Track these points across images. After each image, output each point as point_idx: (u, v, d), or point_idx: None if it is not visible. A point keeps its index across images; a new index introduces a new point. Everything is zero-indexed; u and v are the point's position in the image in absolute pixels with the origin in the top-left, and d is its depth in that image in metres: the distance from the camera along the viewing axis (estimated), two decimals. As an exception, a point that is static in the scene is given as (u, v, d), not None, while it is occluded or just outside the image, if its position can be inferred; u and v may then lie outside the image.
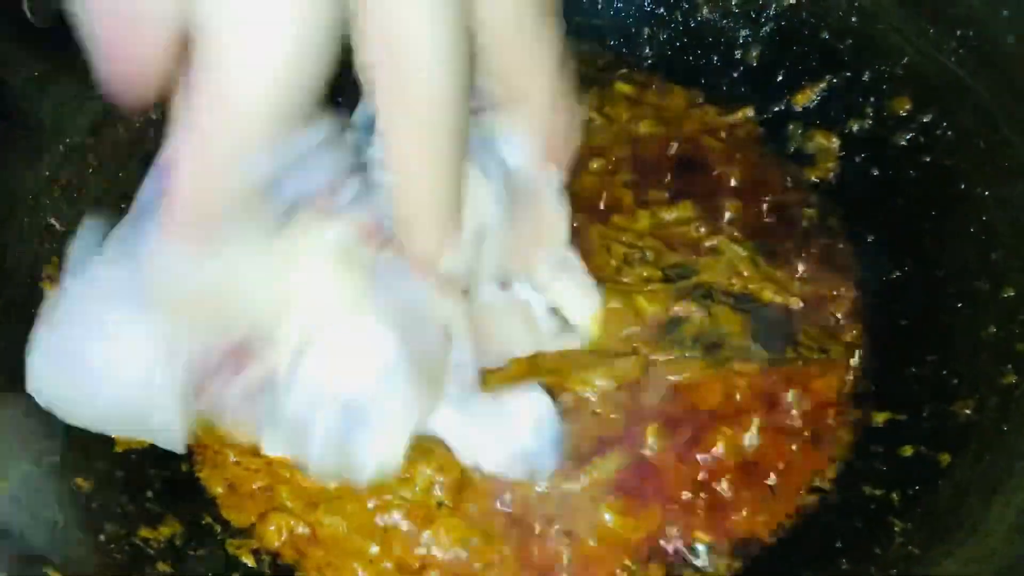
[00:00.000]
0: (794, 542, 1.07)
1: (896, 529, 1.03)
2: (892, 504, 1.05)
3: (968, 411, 1.06)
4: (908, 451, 1.08)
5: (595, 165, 1.30)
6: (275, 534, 1.08)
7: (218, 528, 1.09)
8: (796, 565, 1.05)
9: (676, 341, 1.14)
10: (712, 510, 1.07)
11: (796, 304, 1.18)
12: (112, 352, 0.78)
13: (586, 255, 0.99)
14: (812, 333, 1.16)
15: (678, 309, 1.15)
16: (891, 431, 1.11)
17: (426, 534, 1.06)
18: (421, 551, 1.06)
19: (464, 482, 1.08)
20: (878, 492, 1.06)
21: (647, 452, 1.08)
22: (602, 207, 1.27)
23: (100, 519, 1.02)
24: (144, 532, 1.04)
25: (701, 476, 1.08)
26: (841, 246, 1.25)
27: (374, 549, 1.07)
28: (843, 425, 1.12)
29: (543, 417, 0.96)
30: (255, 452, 1.11)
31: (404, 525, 1.07)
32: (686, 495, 1.07)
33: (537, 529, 1.07)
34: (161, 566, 1.03)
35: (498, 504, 1.07)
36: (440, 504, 1.07)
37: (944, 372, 1.11)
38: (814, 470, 1.10)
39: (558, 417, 0.97)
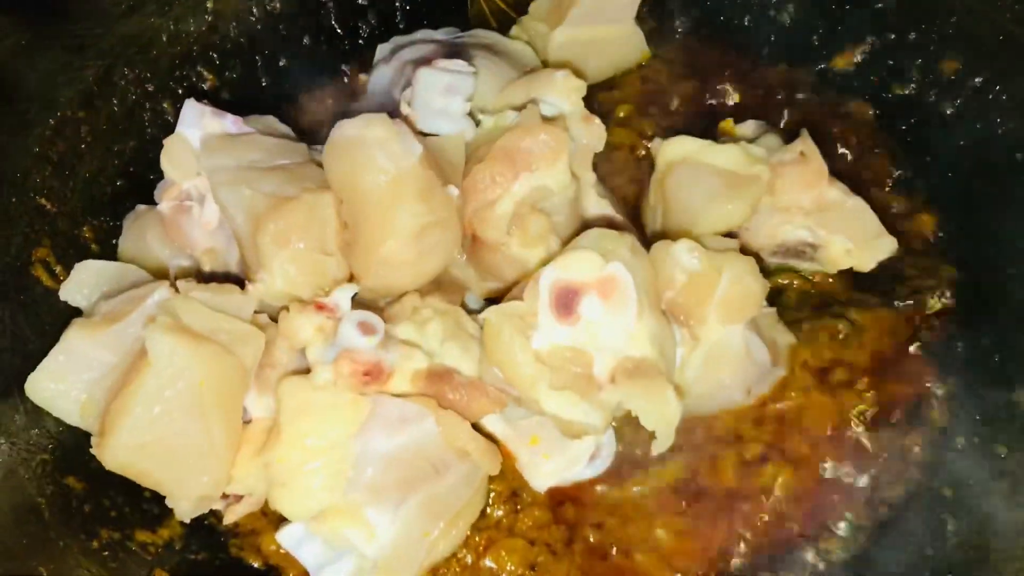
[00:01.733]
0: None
1: (950, 529, 0.97)
2: (944, 500, 0.99)
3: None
4: (961, 441, 1.01)
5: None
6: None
7: (221, 529, 1.03)
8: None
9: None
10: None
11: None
12: None
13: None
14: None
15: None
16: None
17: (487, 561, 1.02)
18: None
19: (517, 490, 1.04)
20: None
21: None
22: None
23: (93, 523, 0.97)
24: (141, 536, 1.00)
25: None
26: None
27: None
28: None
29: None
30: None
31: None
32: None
33: (592, 539, 1.02)
34: (159, 573, 0.98)
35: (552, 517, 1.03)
36: (498, 523, 1.03)
37: (999, 356, 1.04)
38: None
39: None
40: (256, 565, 1.04)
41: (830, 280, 1.12)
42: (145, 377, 0.90)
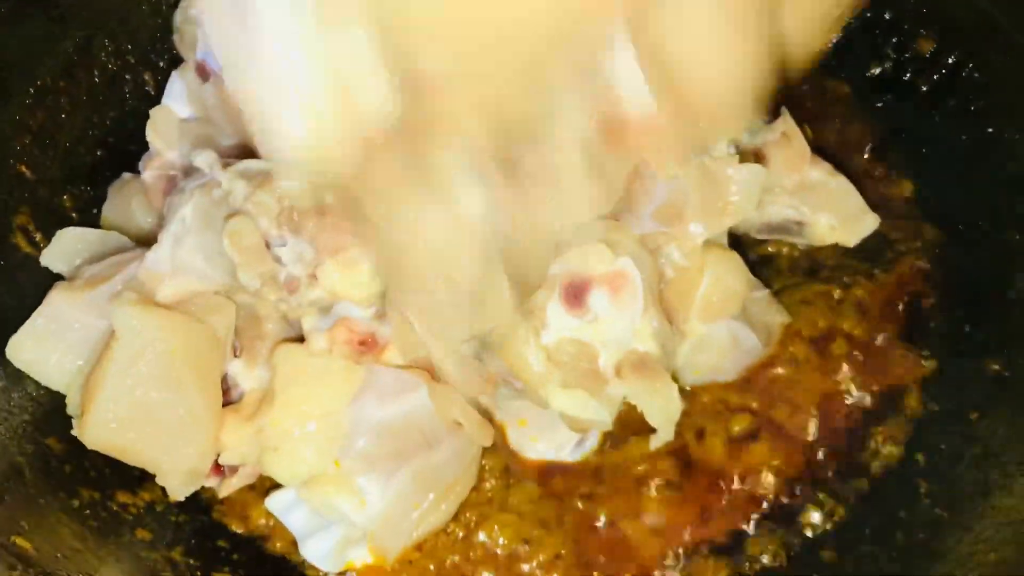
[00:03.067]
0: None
1: (922, 491, 0.98)
2: (918, 464, 1.01)
3: (997, 367, 1.01)
4: (935, 407, 1.03)
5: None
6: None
7: (204, 493, 1.02)
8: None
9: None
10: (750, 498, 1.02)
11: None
12: None
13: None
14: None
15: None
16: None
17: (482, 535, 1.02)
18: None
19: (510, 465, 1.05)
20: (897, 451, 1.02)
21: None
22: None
23: (74, 483, 0.96)
24: (122, 496, 0.99)
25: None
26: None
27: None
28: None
29: None
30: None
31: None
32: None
33: (582, 507, 1.02)
34: (140, 533, 0.98)
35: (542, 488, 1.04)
36: (490, 499, 1.03)
37: (970, 327, 1.06)
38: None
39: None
40: (239, 531, 1.04)
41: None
42: (114, 352, 0.90)
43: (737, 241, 1.09)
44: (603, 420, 0.97)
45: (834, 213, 1.08)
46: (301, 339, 0.97)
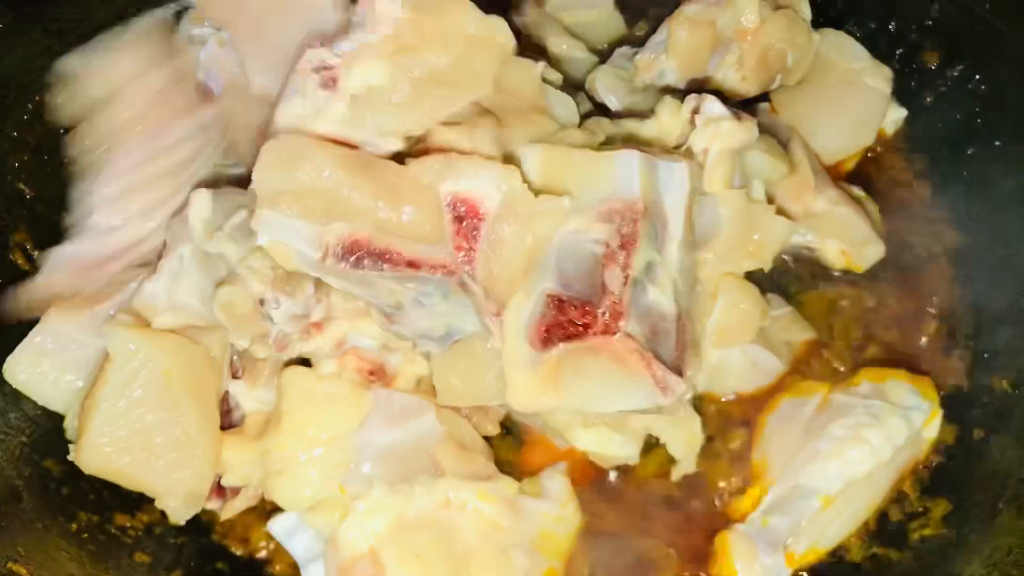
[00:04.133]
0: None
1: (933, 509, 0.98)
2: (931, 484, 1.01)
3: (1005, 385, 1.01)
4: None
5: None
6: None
7: (204, 515, 1.02)
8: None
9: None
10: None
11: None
12: None
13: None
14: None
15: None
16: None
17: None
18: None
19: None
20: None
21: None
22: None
23: (72, 506, 0.95)
24: (121, 519, 0.99)
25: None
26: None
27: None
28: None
29: None
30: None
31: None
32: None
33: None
34: (139, 556, 0.98)
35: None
36: None
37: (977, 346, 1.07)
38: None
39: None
40: (239, 553, 1.03)
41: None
42: (108, 374, 0.89)
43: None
44: (630, 454, 0.97)
45: (841, 239, 1.08)
46: (305, 360, 0.97)
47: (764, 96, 1.14)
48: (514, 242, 0.83)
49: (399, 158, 0.87)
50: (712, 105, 0.95)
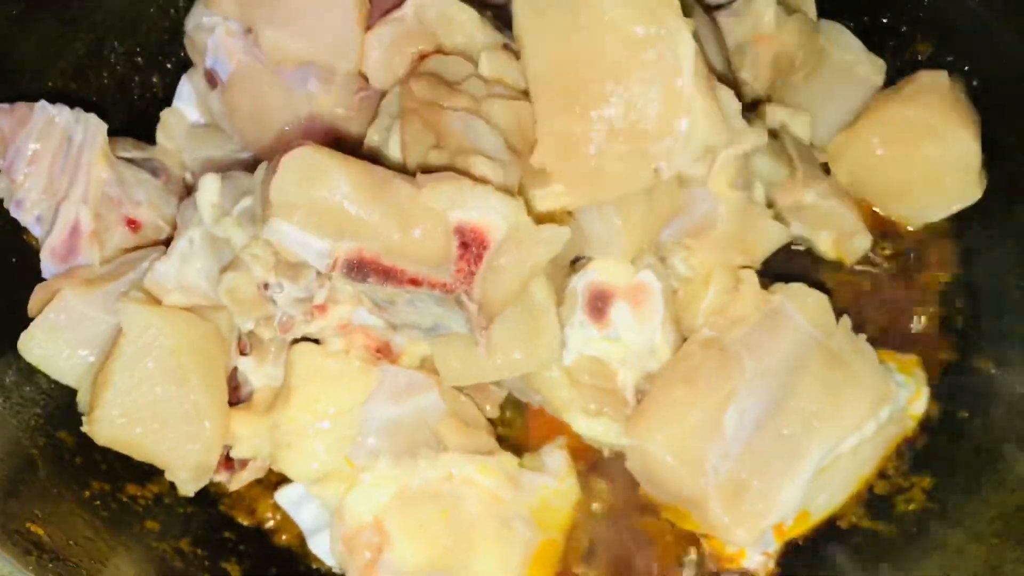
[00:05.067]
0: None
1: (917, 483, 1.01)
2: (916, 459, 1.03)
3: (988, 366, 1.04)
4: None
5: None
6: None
7: (212, 485, 1.04)
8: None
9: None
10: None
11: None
12: None
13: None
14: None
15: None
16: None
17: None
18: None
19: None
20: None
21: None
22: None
23: (85, 475, 0.98)
24: (131, 489, 1.01)
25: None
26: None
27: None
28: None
29: None
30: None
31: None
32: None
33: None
34: (149, 524, 1.00)
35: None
36: None
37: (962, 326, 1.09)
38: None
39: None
40: (246, 524, 1.06)
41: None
42: (121, 348, 0.92)
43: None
44: (624, 443, 0.99)
45: (831, 231, 1.10)
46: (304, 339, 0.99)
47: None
48: (513, 269, 0.85)
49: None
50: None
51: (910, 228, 1.15)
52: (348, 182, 0.82)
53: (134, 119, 1.18)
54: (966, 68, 1.13)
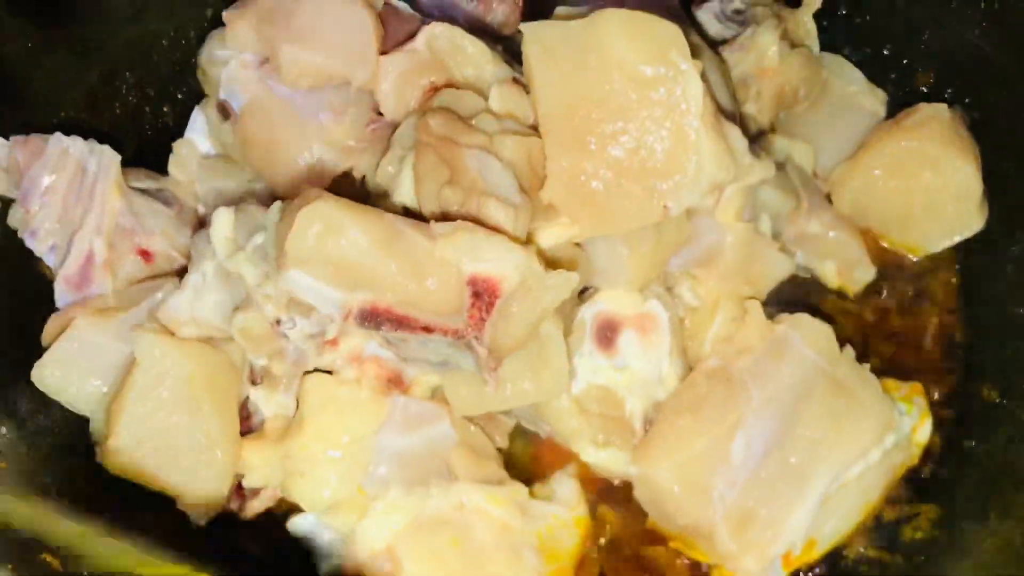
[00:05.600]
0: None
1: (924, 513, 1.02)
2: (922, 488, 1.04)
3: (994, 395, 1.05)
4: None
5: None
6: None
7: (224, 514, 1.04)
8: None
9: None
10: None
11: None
12: None
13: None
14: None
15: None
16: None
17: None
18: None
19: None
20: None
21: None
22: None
23: (98, 504, 0.93)
24: (143, 519, 0.96)
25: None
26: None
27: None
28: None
29: None
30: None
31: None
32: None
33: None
34: (166, 552, 0.95)
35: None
36: None
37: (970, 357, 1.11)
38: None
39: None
40: (260, 553, 1.05)
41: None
42: (135, 377, 0.94)
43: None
44: (632, 472, 1.00)
45: (836, 260, 1.12)
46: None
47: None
48: (523, 315, 0.86)
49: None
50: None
51: (914, 258, 1.16)
52: (364, 236, 0.83)
53: (145, 149, 1.19)
54: (967, 100, 1.15)
